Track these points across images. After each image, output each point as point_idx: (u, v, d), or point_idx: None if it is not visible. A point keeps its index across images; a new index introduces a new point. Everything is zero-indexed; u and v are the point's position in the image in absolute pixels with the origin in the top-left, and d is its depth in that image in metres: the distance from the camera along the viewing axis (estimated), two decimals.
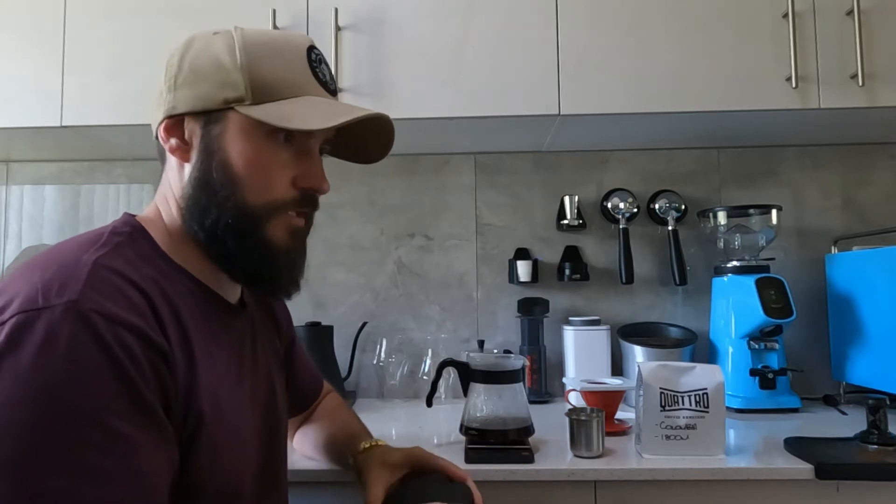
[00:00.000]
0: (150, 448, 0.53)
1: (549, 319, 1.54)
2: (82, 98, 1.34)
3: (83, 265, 0.55)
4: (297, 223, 0.68)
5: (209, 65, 0.65)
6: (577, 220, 1.57)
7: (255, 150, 0.65)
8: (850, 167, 1.60)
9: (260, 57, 0.65)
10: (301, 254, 0.71)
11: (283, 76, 0.65)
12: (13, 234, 1.69)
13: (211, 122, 0.65)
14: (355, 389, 1.59)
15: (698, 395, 1.01)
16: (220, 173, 0.64)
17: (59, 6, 1.35)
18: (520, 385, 1.08)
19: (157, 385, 0.55)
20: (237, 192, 0.64)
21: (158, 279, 0.61)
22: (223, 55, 0.65)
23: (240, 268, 0.67)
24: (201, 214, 0.65)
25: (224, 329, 0.69)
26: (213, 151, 0.65)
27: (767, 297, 1.35)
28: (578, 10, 1.30)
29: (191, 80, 0.65)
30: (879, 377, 1.31)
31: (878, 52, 1.27)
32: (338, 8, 1.30)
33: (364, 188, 1.64)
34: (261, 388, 0.75)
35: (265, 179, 0.65)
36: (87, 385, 0.50)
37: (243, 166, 0.64)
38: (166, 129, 0.66)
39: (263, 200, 0.65)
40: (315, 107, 0.65)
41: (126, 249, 0.61)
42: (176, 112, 0.65)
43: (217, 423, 0.61)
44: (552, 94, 1.29)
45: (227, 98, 0.64)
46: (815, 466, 0.94)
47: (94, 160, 1.68)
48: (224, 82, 0.64)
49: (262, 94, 0.64)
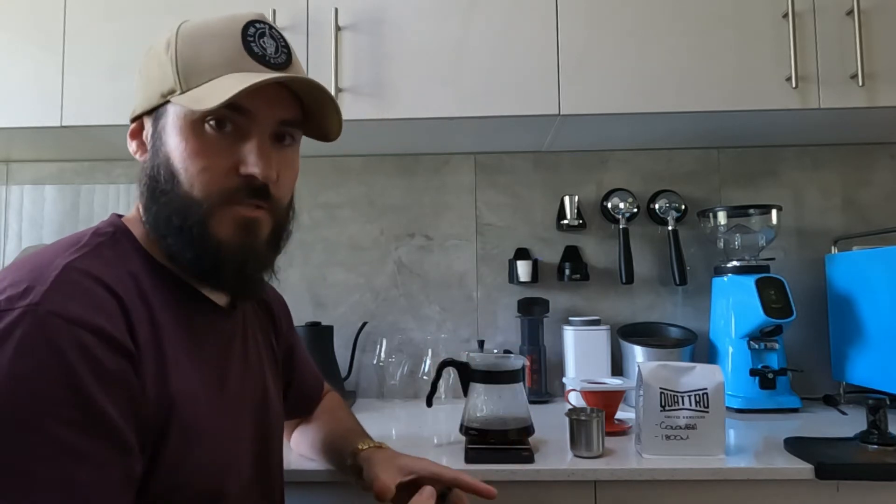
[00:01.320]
0: (95, 458, 0.51)
1: (549, 319, 1.54)
2: (82, 98, 1.34)
3: (53, 268, 0.55)
4: (247, 215, 0.64)
5: (152, 64, 0.66)
6: (577, 220, 1.57)
7: (190, 140, 0.62)
8: (850, 167, 1.60)
9: (190, 43, 0.64)
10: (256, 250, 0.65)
11: (211, 58, 0.63)
12: (13, 234, 1.69)
13: (157, 120, 0.65)
14: (355, 389, 1.59)
15: (698, 395, 1.01)
16: (164, 168, 0.63)
17: (59, 6, 1.35)
18: (520, 385, 1.08)
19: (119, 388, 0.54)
20: (177, 186, 0.62)
21: (137, 279, 0.61)
22: (161, 51, 0.65)
23: (195, 268, 0.64)
24: (146, 211, 0.65)
25: (208, 329, 0.68)
26: (157, 148, 0.65)
27: (767, 297, 1.35)
28: (578, 10, 1.30)
29: (143, 83, 0.67)
30: (879, 377, 1.31)
31: (878, 52, 1.27)
32: (338, 8, 1.30)
33: (364, 188, 1.64)
34: (252, 389, 0.74)
35: (201, 169, 0.62)
36: (31, 389, 0.49)
37: (180, 158, 0.62)
38: (130, 134, 0.69)
39: (203, 193, 0.62)
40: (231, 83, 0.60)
41: (106, 250, 0.61)
42: (135, 115, 0.68)
43: (193, 423, 0.60)
44: (552, 94, 1.29)
45: (162, 92, 0.64)
46: (815, 466, 0.94)
47: (94, 160, 1.68)
48: (161, 77, 0.64)
49: (189, 80, 0.62)
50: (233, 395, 0.69)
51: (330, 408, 1.01)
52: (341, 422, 0.96)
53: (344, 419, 0.97)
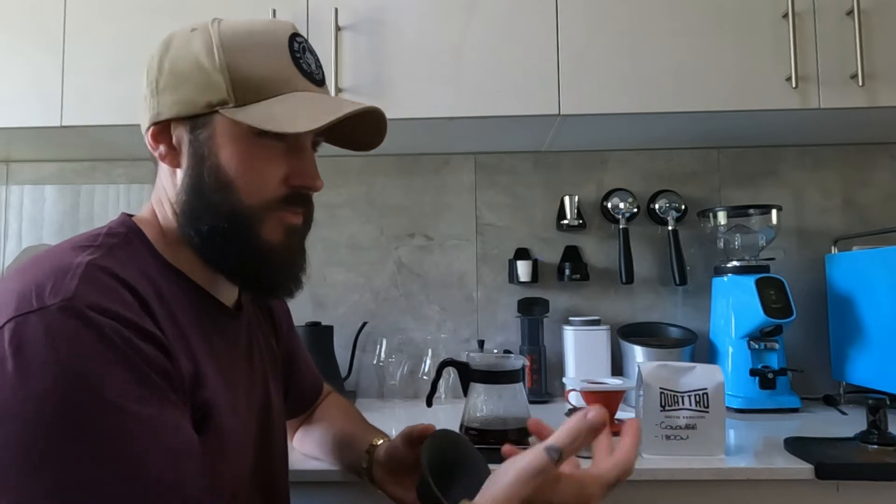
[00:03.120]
0: (173, 426, 0.53)
1: (549, 319, 1.54)
2: (82, 98, 1.34)
3: (77, 266, 0.55)
4: (292, 221, 0.67)
5: (189, 66, 0.63)
6: (577, 220, 1.57)
7: (245, 153, 0.63)
8: (850, 167, 1.60)
9: (239, 54, 0.63)
10: (299, 252, 0.70)
11: (266, 73, 0.63)
12: (13, 234, 1.69)
13: (198, 127, 0.64)
14: (355, 389, 1.59)
15: (698, 395, 1.01)
16: (213, 178, 0.64)
17: (59, 6, 1.35)
18: (520, 385, 1.08)
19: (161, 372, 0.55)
20: (230, 196, 0.63)
21: (154, 281, 0.61)
22: (202, 55, 0.63)
23: (238, 270, 0.67)
24: (197, 220, 0.65)
25: (219, 331, 0.68)
26: (202, 157, 0.64)
27: (767, 297, 1.35)
28: (578, 10, 1.30)
29: (172, 84, 0.64)
30: (879, 377, 1.31)
31: (878, 52, 1.27)
32: (338, 8, 1.30)
33: (364, 188, 1.64)
34: (256, 391, 0.74)
35: (257, 180, 0.64)
36: (98, 376, 0.49)
37: (234, 169, 0.63)
38: (154, 136, 0.65)
39: (257, 201, 0.64)
40: (302, 105, 0.64)
41: (120, 251, 0.61)
42: (161, 118, 0.65)
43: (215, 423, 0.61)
44: (552, 94, 1.29)
45: (210, 102, 0.63)
46: (815, 466, 0.94)
47: (94, 160, 1.68)
48: (206, 85, 0.63)
49: (245, 94, 0.62)
50: (241, 396, 0.70)
51: (335, 407, 1.01)
52: (349, 421, 0.96)
53: (352, 418, 0.98)
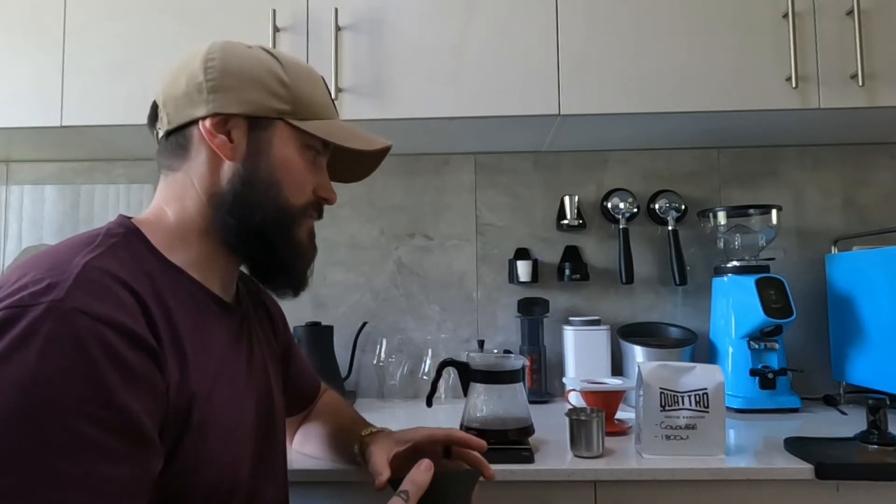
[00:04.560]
0: (118, 455, 0.52)
1: (549, 319, 1.54)
2: (82, 98, 1.34)
3: (74, 266, 0.56)
4: (312, 226, 0.77)
5: (259, 74, 0.70)
6: (577, 220, 1.57)
7: (296, 158, 0.72)
8: (850, 167, 1.60)
9: (301, 76, 0.73)
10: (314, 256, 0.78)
11: (318, 99, 0.75)
12: (13, 234, 1.69)
13: (259, 127, 0.70)
14: (355, 389, 1.59)
15: (698, 395, 1.01)
16: (267, 174, 0.70)
17: (59, 6, 1.35)
18: (520, 385, 1.08)
19: (143, 385, 0.55)
20: (281, 193, 0.71)
21: (152, 278, 0.62)
22: (274, 69, 0.71)
23: (269, 260, 0.73)
24: (244, 208, 0.70)
25: (219, 326, 0.70)
26: (260, 153, 0.70)
27: (767, 297, 1.35)
28: (578, 10, 1.30)
29: (238, 86, 0.70)
30: (879, 377, 1.31)
31: (878, 52, 1.27)
32: (338, 8, 1.30)
33: (364, 188, 1.64)
34: (257, 384, 0.76)
35: (300, 184, 0.73)
36: (57, 385, 0.49)
37: (286, 170, 0.71)
38: (214, 126, 0.69)
39: (298, 203, 0.73)
40: (345, 129, 0.75)
41: (120, 250, 0.62)
42: (223, 111, 0.69)
43: (210, 419, 0.62)
44: (552, 94, 1.29)
45: (278, 109, 0.70)
46: (815, 466, 0.94)
47: (94, 160, 1.68)
48: (274, 94, 0.70)
49: (304, 111, 0.72)
50: (241, 390, 0.71)
51: (331, 404, 1.02)
52: (343, 416, 0.98)
53: (345, 414, 0.99)
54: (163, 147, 0.72)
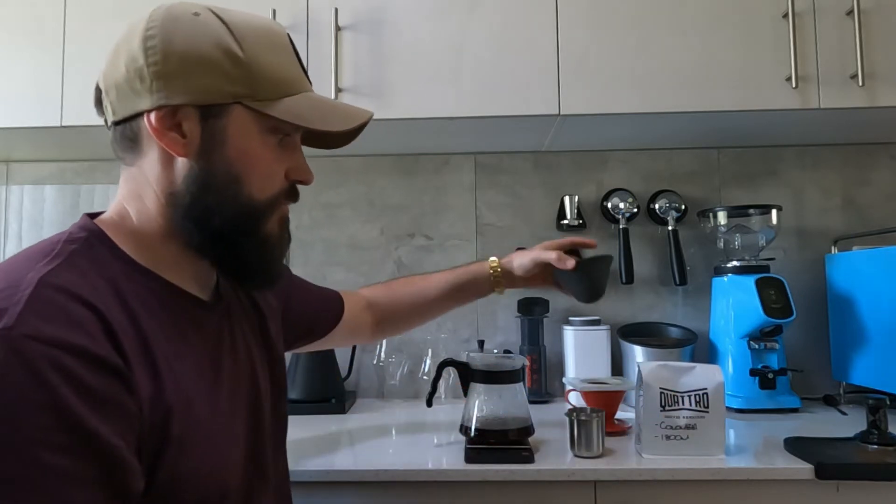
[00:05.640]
0: (89, 479, 0.49)
1: (549, 319, 1.54)
2: (82, 98, 1.33)
3: (26, 285, 0.52)
4: (285, 214, 0.70)
5: (209, 53, 0.61)
6: (577, 220, 1.57)
7: (258, 146, 0.64)
8: (850, 167, 1.60)
9: (258, 48, 0.63)
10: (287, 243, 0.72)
11: (283, 71, 0.65)
12: (13, 234, 1.69)
13: (211, 116, 0.62)
14: (355, 389, 1.59)
15: (698, 395, 1.01)
16: (224, 169, 0.63)
17: (59, 6, 1.35)
18: (520, 385, 1.08)
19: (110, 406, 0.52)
20: (242, 189, 0.64)
21: (116, 286, 0.58)
22: (225, 43, 0.62)
23: (237, 262, 0.67)
24: (201, 210, 0.63)
25: (195, 327, 0.66)
26: (215, 146, 0.62)
27: (767, 297, 1.35)
28: (578, 10, 1.30)
29: (185, 69, 0.61)
30: (879, 377, 1.31)
31: (878, 52, 1.27)
32: (338, 8, 1.30)
33: (364, 188, 1.64)
34: (243, 382, 0.72)
35: (267, 175, 0.65)
36: (15, 418, 0.47)
37: (247, 162, 0.64)
38: (159, 121, 0.61)
39: (265, 196, 0.65)
40: (317, 105, 0.67)
41: (79, 259, 0.58)
42: (170, 102, 0.61)
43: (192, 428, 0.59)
44: (552, 94, 1.29)
45: (234, 93, 0.62)
46: (815, 466, 0.94)
47: (94, 160, 1.68)
48: (227, 75, 0.61)
49: (265, 89, 0.63)
50: (226, 391, 0.67)
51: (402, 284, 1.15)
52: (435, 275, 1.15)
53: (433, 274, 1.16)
54: (113, 138, 0.67)
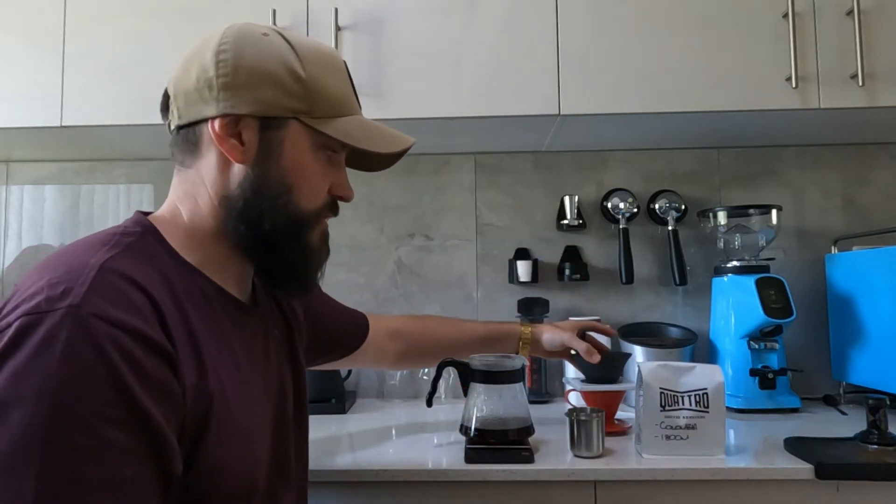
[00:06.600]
0: (142, 456, 0.52)
1: (550, 319, 1.54)
2: (82, 98, 1.34)
3: (90, 268, 0.56)
4: (326, 228, 0.74)
5: (274, 70, 0.67)
6: (577, 220, 1.57)
7: (309, 160, 0.69)
8: (850, 167, 1.60)
9: (319, 69, 0.69)
10: (326, 256, 0.76)
11: (338, 93, 0.71)
12: (13, 234, 1.69)
13: (270, 128, 0.67)
14: (355, 389, 1.59)
15: (698, 395, 1.01)
16: (277, 178, 0.67)
17: (59, 6, 1.35)
18: (520, 385, 1.08)
19: (160, 390, 0.55)
20: (292, 198, 0.68)
21: (168, 279, 0.62)
22: (290, 62, 0.67)
23: (279, 266, 0.71)
24: (253, 215, 0.67)
25: (235, 327, 0.69)
26: (271, 156, 0.67)
27: (767, 297, 1.35)
28: (578, 10, 1.30)
29: (252, 83, 0.66)
30: (879, 377, 1.31)
31: (878, 52, 1.27)
32: (338, 8, 1.30)
33: (364, 188, 1.64)
34: (272, 384, 0.75)
35: (314, 188, 0.70)
36: (80, 390, 0.50)
37: (298, 174, 0.68)
38: (223, 128, 0.66)
39: (312, 207, 0.70)
40: (368, 127, 0.72)
41: (135, 251, 0.62)
42: (235, 112, 0.66)
43: (229, 422, 0.62)
44: (552, 94, 1.29)
45: (292, 108, 0.67)
46: (815, 466, 0.94)
47: (94, 160, 1.68)
48: (289, 91, 0.67)
49: (321, 108, 0.68)
50: (258, 391, 0.71)
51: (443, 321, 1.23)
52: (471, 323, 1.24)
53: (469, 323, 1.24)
54: (174, 140, 0.70)
